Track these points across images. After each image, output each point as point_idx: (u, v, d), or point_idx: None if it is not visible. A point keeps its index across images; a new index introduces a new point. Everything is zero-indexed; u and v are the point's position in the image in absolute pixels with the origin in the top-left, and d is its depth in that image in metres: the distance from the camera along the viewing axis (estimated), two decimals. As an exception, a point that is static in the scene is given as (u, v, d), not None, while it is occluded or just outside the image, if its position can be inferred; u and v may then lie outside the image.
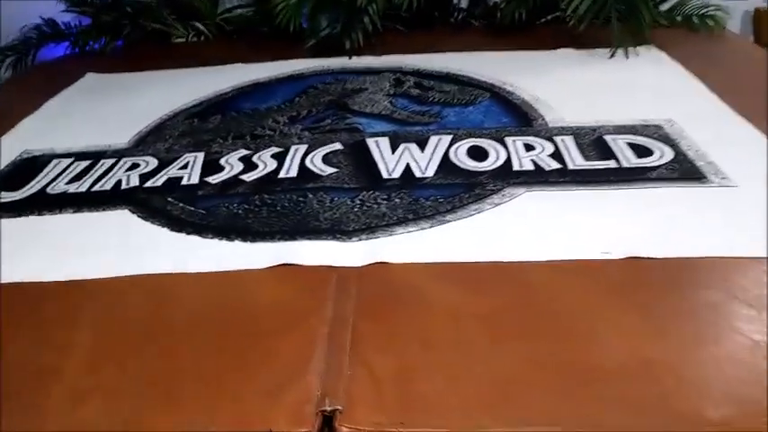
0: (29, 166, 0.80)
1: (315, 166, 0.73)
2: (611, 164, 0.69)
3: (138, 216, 0.66)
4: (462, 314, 0.47)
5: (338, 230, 0.60)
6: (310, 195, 0.67)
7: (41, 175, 0.77)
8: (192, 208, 0.67)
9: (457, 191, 0.66)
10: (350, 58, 1.09)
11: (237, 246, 0.60)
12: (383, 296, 0.50)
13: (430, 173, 0.69)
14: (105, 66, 1.21)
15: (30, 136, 0.90)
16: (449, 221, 0.60)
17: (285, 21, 1.14)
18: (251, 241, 0.60)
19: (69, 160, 0.80)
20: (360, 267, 0.54)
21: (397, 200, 0.65)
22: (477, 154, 0.73)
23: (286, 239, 0.60)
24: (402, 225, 0.60)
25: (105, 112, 0.97)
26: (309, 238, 0.59)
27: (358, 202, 0.65)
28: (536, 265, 0.53)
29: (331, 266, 0.55)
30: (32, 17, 1.31)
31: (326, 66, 1.07)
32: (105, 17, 1.24)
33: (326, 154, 0.76)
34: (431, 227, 0.60)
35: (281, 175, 0.72)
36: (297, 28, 1.17)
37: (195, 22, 1.30)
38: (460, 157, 0.72)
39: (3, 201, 0.72)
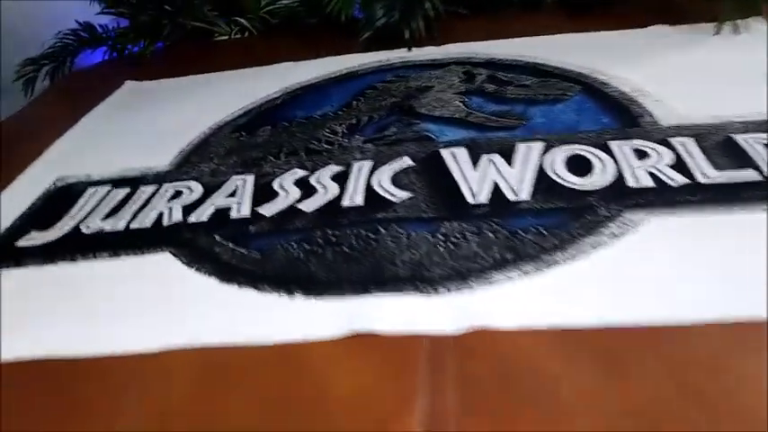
0: (63, 197, 0.71)
1: (383, 188, 0.62)
2: (752, 175, 0.55)
3: (182, 261, 0.57)
4: (606, 410, 0.35)
5: (420, 278, 0.49)
6: (382, 230, 0.56)
7: (76, 207, 0.68)
8: (245, 250, 0.56)
9: (562, 219, 0.53)
10: (409, 49, 0.97)
11: (300, 303, 0.49)
12: (492, 381, 0.39)
13: (524, 194, 0.57)
14: (144, 70, 1.12)
15: (65, 159, 0.82)
16: (558, 263, 0.48)
17: (336, 11, 1.03)
18: (315, 296, 0.49)
19: (106, 188, 0.71)
20: (455, 336, 0.43)
21: (489, 233, 0.53)
22: (579, 166, 0.60)
23: (358, 293, 0.49)
24: (500, 269, 0.48)
25: (145, 127, 0.87)
26: (386, 291, 0.48)
27: (441, 237, 0.53)
28: (697, 331, 0.40)
29: (417, 334, 0.44)
30: (67, 21, 1.24)
31: (384, 60, 0.95)
32: (143, 17, 1.15)
33: (395, 173, 0.64)
34: (536, 270, 0.48)
35: (346, 202, 0.61)
36: (348, 18, 1.06)
37: (238, 18, 1.20)
38: (559, 170, 0.60)
39: (33, 244, 0.63)
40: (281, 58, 1.04)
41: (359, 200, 0.61)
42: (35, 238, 0.64)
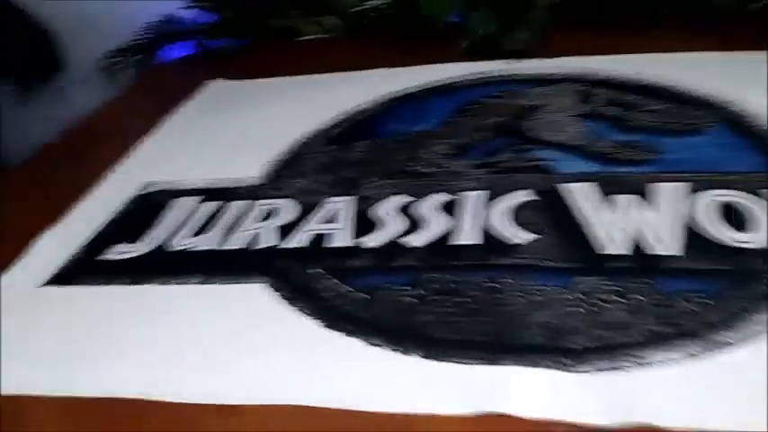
0: (149, 206, 0.67)
1: (502, 227, 0.55)
2: None
3: (281, 295, 0.51)
4: None
5: (560, 348, 0.42)
6: (507, 278, 0.49)
7: (164, 219, 0.64)
8: (350, 288, 0.51)
9: (723, 285, 0.45)
10: (512, 61, 0.89)
11: (417, 364, 0.43)
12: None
13: (675, 248, 0.49)
14: (228, 69, 1.08)
15: (150, 162, 0.78)
16: (731, 344, 0.41)
17: (433, 15, 0.96)
18: (436, 358, 0.43)
19: (196, 200, 0.67)
20: (610, 430, 0.36)
21: (637, 295, 0.45)
22: (730, 216, 0.52)
23: (486, 360, 0.42)
24: (659, 346, 0.41)
25: (231, 133, 0.83)
26: (519, 362, 0.41)
27: (579, 295, 0.46)
28: None
29: (560, 422, 0.37)
30: (150, 13, 1.21)
31: (485, 72, 0.88)
32: (230, 13, 1.11)
33: (515, 207, 0.57)
34: (705, 352, 0.40)
35: (459, 239, 0.54)
36: (443, 23, 0.99)
37: (325, 17, 1.15)
38: (710, 220, 0.52)
39: (118, 258, 0.59)
40: (369, 64, 0.98)
41: (474, 238, 0.54)
42: (121, 252, 0.60)
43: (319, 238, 0.58)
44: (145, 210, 0.67)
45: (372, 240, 0.56)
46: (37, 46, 1.26)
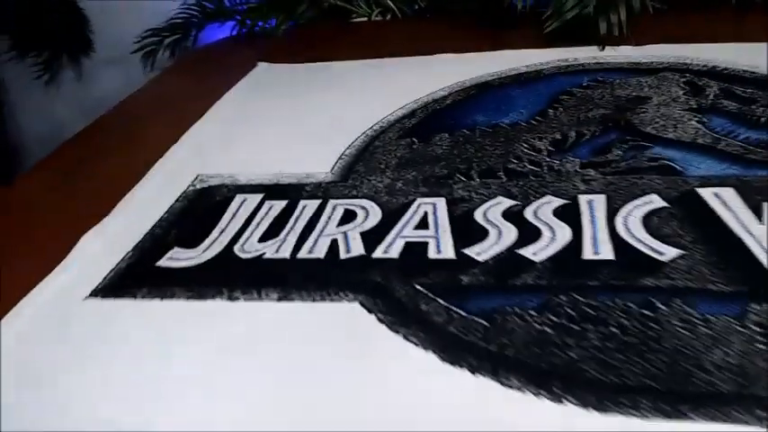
0: (206, 203, 0.59)
1: (639, 239, 0.46)
2: None
3: (378, 318, 0.43)
4: None
5: (752, 398, 0.33)
6: (660, 305, 0.40)
7: (225, 220, 0.56)
8: (463, 312, 0.42)
9: None
10: (602, 48, 0.80)
11: (572, 414, 0.34)
12: None
13: None
14: (276, 51, 0.99)
15: (201, 151, 0.69)
16: None
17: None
18: (597, 408, 0.34)
19: (257, 198, 0.58)
20: None
21: (836, 332, 0.36)
22: None
23: (663, 413, 0.33)
24: None
25: (292, 120, 0.74)
26: (708, 417, 0.33)
27: (754, 329, 0.37)
28: None
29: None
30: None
31: (572, 59, 0.79)
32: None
33: (646, 214, 0.48)
34: None
35: (587, 253, 0.45)
36: (526, 8, 0.90)
37: (381, -3, 1.06)
38: None
39: (178, 265, 0.51)
40: (431, 48, 0.89)
41: (607, 252, 0.45)
42: (180, 258, 0.52)
43: (413, 246, 0.49)
44: (201, 207, 0.59)
45: (482, 252, 0.47)
46: (69, 23, 1.18)
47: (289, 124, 0.73)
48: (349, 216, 0.54)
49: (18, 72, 1.28)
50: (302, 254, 0.50)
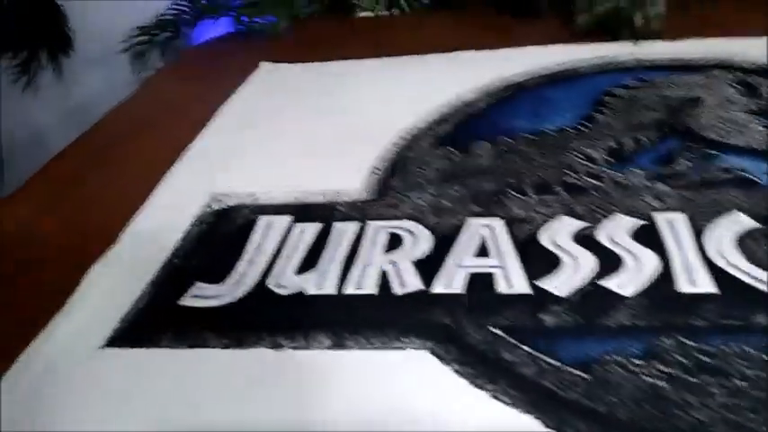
0: (227, 228, 0.52)
1: (738, 268, 0.41)
2: None
3: (454, 369, 0.37)
4: None
5: None
6: (787, 350, 0.35)
7: (252, 248, 0.49)
8: (554, 361, 0.36)
9: None
10: (637, 43, 0.75)
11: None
12: None
13: None
14: (276, 50, 0.92)
15: (212, 164, 0.62)
16: None
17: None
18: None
19: (285, 220, 0.52)
20: None
21: None
22: None
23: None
24: None
25: (306, 128, 0.68)
26: None
27: None
28: None
29: None
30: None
31: (609, 56, 0.73)
32: (277, -14, 0.95)
33: (738, 236, 0.43)
34: None
35: (683, 285, 0.40)
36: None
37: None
38: None
39: (205, 305, 0.44)
40: (446, 44, 0.83)
41: (705, 283, 0.40)
42: (206, 295, 0.45)
43: (478, 278, 0.43)
44: (222, 233, 0.52)
45: (560, 285, 0.41)
46: (45, 19, 1.09)
47: (304, 132, 0.67)
48: (394, 241, 0.48)
49: (-9, 74, 1.19)
50: (349, 288, 0.44)
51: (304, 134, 0.66)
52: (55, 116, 1.24)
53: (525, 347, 0.37)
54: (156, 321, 0.43)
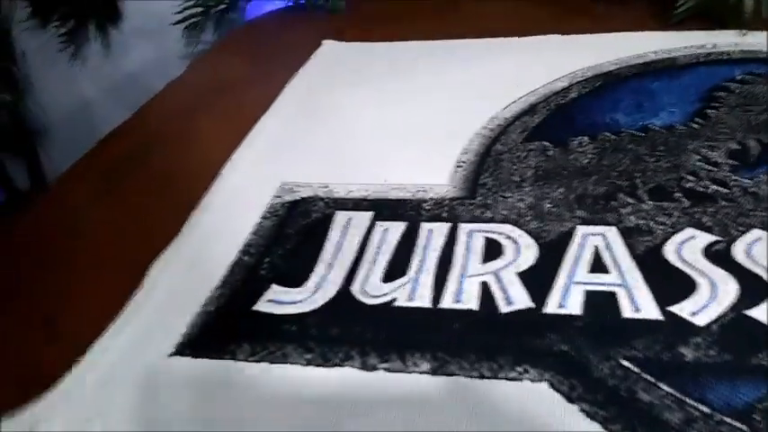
0: (302, 223, 0.47)
1: None
2: None
3: (585, 411, 0.31)
4: None
5: None
6: None
7: (330, 248, 0.44)
8: (704, 407, 0.30)
9: None
10: (744, 33, 0.67)
11: None
12: None
13: None
14: (339, 26, 0.87)
15: (279, 151, 0.57)
16: None
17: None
18: None
19: (366, 217, 0.47)
20: None
21: None
22: None
23: None
24: None
25: (377, 114, 0.62)
26: None
27: None
28: None
29: None
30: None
31: (709, 45, 0.66)
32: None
33: None
34: None
35: None
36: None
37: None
38: None
39: (282, 312, 0.39)
40: (526, 25, 0.77)
41: None
42: (284, 301, 0.40)
43: (597, 298, 0.37)
44: (296, 228, 0.47)
45: (698, 312, 0.35)
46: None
47: (376, 119, 0.61)
48: (492, 248, 0.42)
49: (38, 43, 1.15)
50: (446, 302, 0.38)
51: (376, 120, 0.61)
52: (102, 88, 1.20)
53: (665, 387, 0.31)
54: (229, 329, 0.39)
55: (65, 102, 1.20)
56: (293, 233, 0.46)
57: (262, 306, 0.40)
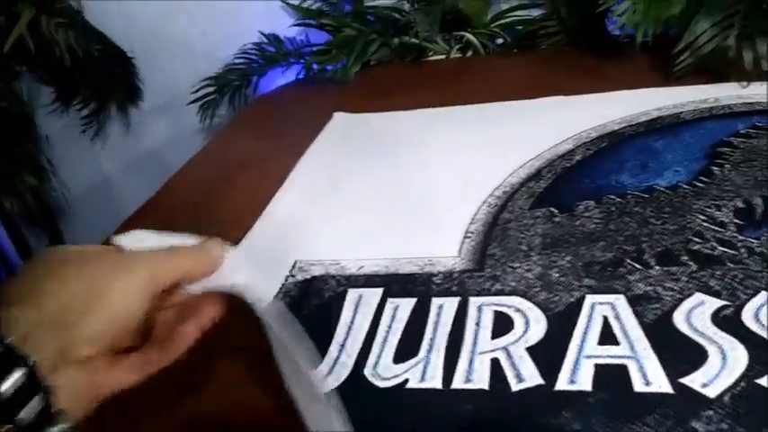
0: (314, 302, 0.48)
1: None
2: None
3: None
4: None
5: None
6: None
7: (343, 328, 0.45)
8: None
9: None
10: (746, 85, 0.68)
11: None
12: None
13: None
14: (348, 97, 0.90)
15: (293, 231, 0.59)
16: None
17: (624, 27, 0.75)
18: None
19: (376, 294, 0.47)
20: None
21: None
22: None
23: None
24: None
25: (387, 185, 0.64)
26: None
27: None
28: None
29: None
30: (247, 34, 1.04)
31: (711, 99, 0.67)
32: (348, 32, 0.93)
33: None
34: None
35: None
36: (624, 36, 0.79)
37: (461, 33, 0.96)
38: None
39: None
40: (529, 89, 0.79)
41: None
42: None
43: (607, 372, 0.37)
44: (309, 308, 0.48)
45: (709, 383, 0.35)
46: (117, 71, 1.10)
47: (386, 190, 0.63)
48: (502, 322, 0.43)
49: (62, 124, 1.21)
50: (458, 382, 0.39)
51: (386, 192, 0.62)
52: (122, 164, 1.24)
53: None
54: (243, 416, 0.39)
55: (86, 178, 1.24)
56: (306, 313, 0.47)
57: (277, 391, 0.40)
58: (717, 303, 0.41)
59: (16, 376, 0.24)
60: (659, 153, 0.59)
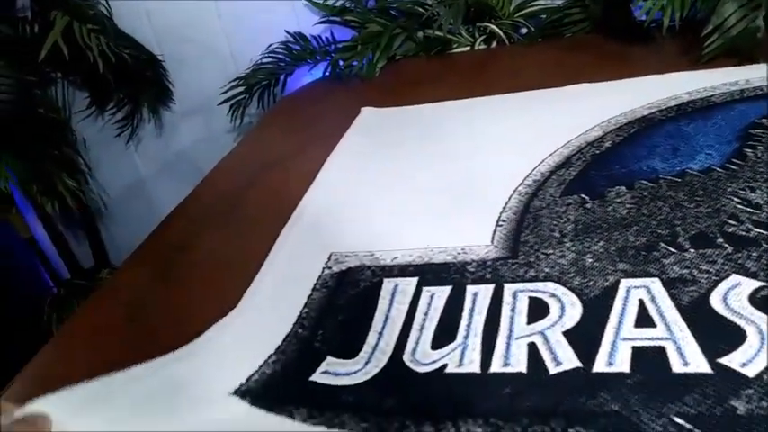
0: (351, 292, 0.49)
1: None
2: None
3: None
4: None
5: None
6: None
7: (380, 317, 0.46)
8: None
9: None
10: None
11: None
12: None
13: None
14: (375, 92, 0.91)
15: (327, 224, 0.60)
16: None
17: (651, 12, 0.75)
18: None
19: (411, 283, 0.48)
20: None
21: None
22: None
23: None
24: None
25: (418, 176, 0.64)
26: None
27: None
28: None
29: None
30: (272, 34, 1.05)
31: (742, 81, 0.66)
32: (373, 27, 0.94)
33: None
34: None
35: None
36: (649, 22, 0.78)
37: (486, 24, 0.96)
38: None
39: (339, 382, 0.41)
40: (556, 77, 0.79)
41: None
42: (339, 372, 0.42)
43: (645, 354, 0.38)
44: (346, 298, 0.49)
45: (748, 362, 0.35)
46: (149, 74, 1.12)
47: (417, 181, 0.64)
48: (537, 307, 0.43)
49: (97, 128, 1.24)
50: (495, 366, 0.39)
51: (418, 184, 0.63)
52: (156, 166, 1.27)
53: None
54: (286, 393, 0.40)
55: (122, 180, 1.28)
56: (343, 303, 0.48)
57: (318, 377, 0.42)
58: (754, 284, 0.41)
59: None
60: (690, 137, 0.59)
